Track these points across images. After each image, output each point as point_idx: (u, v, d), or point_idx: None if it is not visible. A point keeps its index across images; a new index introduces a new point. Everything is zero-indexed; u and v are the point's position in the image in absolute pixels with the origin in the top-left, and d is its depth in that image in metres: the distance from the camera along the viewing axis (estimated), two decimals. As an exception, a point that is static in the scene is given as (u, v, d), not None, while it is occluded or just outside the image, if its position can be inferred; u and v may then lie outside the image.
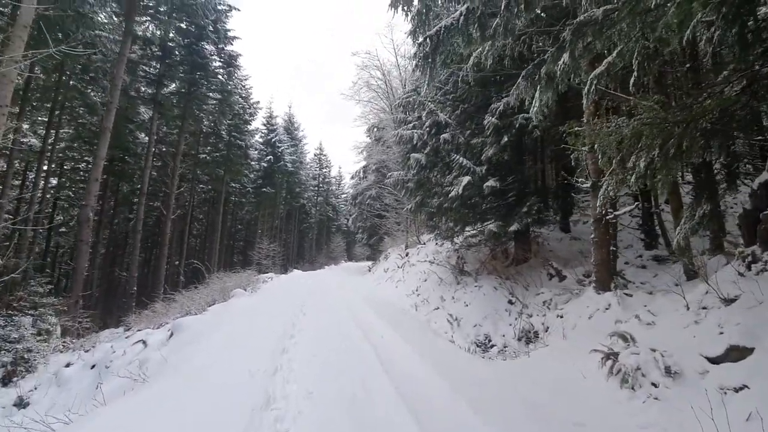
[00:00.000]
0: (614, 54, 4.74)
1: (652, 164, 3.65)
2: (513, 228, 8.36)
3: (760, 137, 4.87)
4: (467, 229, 10.28)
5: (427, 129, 10.64)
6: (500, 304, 8.56)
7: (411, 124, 11.68)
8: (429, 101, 10.51)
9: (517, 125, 8.36)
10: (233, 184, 33.06)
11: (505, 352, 7.24)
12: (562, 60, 4.23)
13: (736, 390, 2.92)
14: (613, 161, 4.12)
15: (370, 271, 23.17)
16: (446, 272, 11.19)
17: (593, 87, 4.94)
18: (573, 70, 4.41)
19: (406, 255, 16.85)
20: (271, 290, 14.27)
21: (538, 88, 4.47)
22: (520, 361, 5.51)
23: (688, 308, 4.09)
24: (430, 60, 5.27)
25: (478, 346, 7.83)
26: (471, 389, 4.09)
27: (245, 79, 30.44)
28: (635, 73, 4.64)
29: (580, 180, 7.05)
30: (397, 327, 7.25)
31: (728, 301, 3.59)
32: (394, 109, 18.98)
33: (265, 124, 39.15)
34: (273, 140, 38.17)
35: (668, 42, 4.81)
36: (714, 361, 3.28)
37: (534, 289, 8.39)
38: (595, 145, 4.14)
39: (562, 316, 6.69)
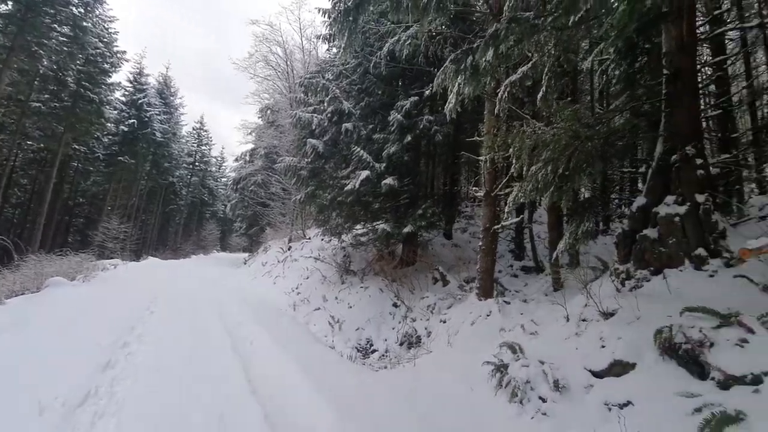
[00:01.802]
0: (529, 65, 4.76)
1: (564, 172, 3.61)
2: (406, 230, 8.19)
3: (632, 169, 5.56)
4: (357, 226, 9.82)
5: (329, 116, 9.86)
6: (385, 306, 8.28)
7: (312, 108, 10.75)
8: (334, 86, 9.76)
9: (421, 126, 8.24)
10: (77, 146, 26.62)
11: (386, 357, 6.92)
12: (487, 56, 4.01)
13: (621, 406, 2.95)
14: (524, 168, 4.05)
15: (245, 263, 21.09)
16: (331, 270, 10.54)
17: (506, 93, 4.91)
18: (494, 68, 4.25)
19: (289, 249, 15.67)
20: (113, 280, 11.53)
21: (461, 78, 4.20)
22: (406, 371, 5.16)
23: (568, 319, 4.24)
24: (351, 19, 4.56)
25: (359, 351, 7.36)
26: (362, 418, 3.47)
27: (110, 21, 24.92)
28: (544, 88, 4.75)
29: (474, 189, 7.19)
30: (272, 330, 6.28)
31: (607, 315, 3.77)
32: (293, 88, 17.57)
33: (132, 81, 32.75)
34: (140, 102, 32.15)
35: (574, 64, 5.09)
36: (598, 375, 3.34)
37: (419, 292, 8.34)
38: (510, 149, 4.01)
39: (445, 321, 6.66)
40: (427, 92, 7.56)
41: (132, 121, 31.10)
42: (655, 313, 3.34)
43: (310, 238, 15.60)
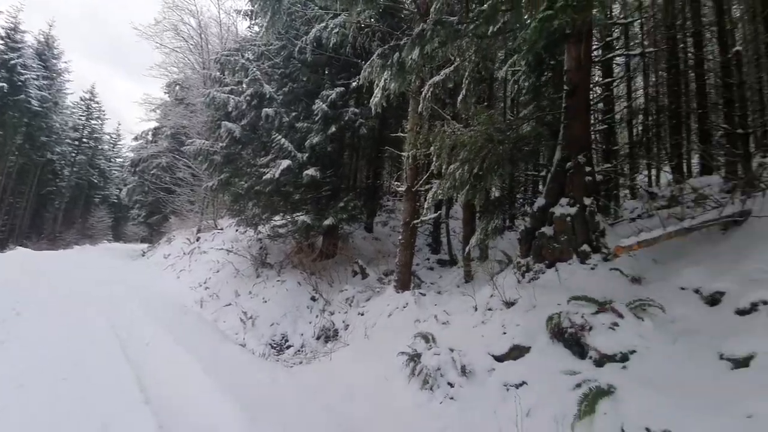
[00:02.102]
0: (451, 68, 4.97)
1: (479, 172, 3.85)
2: (327, 222, 8.06)
3: (535, 172, 6.17)
4: (276, 218, 9.41)
5: (248, 98, 9.23)
6: (303, 300, 8.07)
7: (228, 88, 9.93)
8: (255, 68, 9.15)
9: (347, 118, 8.15)
10: None
11: (302, 352, 6.76)
12: (413, 54, 4.08)
13: (517, 386, 3.26)
14: (443, 166, 4.23)
15: (144, 255, 18.90)
16: (246, 263, 9.94)
17: (430, 93, 5.07)
18: (419, 67, 4.35)
19: (197, 240, 14.42)
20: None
21: (387, 74, 4.22)
22: (322, 365, 5.09)
23: (476, 309, 4.56)
24: (275, -5, 4.28)
25: (273, 347, 7.07)
26: (270, 417, 3.30)
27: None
28: (464, 91, 5.01)
29: (396, 183, 7.35)
30: (174, 330, 5.70)
31: (509, 304, 4.13)
32: (208, 64, 16.09)
33: (3, 38, 27.00)
34: (12, 63, 26.65)
35: (491, 72, 5.44)
36: (499, 359, 3.65)
37: (338, 285, 8.29)
38: (432, 147, 4.15)
39: (363, 314, 6.72)
40: (354, 84, 7.50)
41: (2, 85, 25.66)
42: (548, 301, 3.75)
43: (222, 229, 14.53)
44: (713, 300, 3.11)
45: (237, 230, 12.39)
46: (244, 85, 9.52)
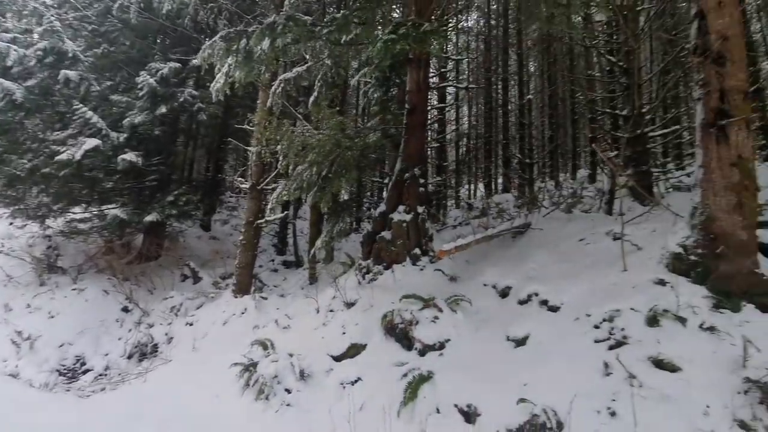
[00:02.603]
0: (304, 67, 4.89)
1: (327, 175, 3.86)
2: (151, 218, 6.84)
3: (380, 179, 6.59)
4: (75, 209, 7.49)
5: (39, 53, 7.06)
6: (110, 312, 6.62)
7: (11, 36, 7.40)
8: (53, 15, 7.08)
9: (182, 99, 7.10)
10: None
11: (106, 376, 5.52)
12: (263, 45, 3.82)
13: (353, 383, 3.39)
14: (290, 165, 4.10)
15: None
16: (23, 268, 7.55)
17: (280, 88, 4.86)
18: (270, 60, 4.12)
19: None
20: None
21: (232, 60, 3.83)
22: (133, 389, 4.25)
23: (318, 311, 4.58)
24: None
25: (62, 374, 5.56)
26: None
27: None
28: (316, 93, 4.99)
29: (239, 179, 6.79)
30: None
31: (350, 305, 4.28)
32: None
33: None
34: None
35: (344, 79, 5.57)
36: (337, 359, 3.73)
37: (162, 292, 7.12)
38: (279, 146, 3.97)
39: (192, 324, 5.95)
40: (195, 62, 6.59)
41: None
42: (384, 300, 4.04)
43: (-14, 221, 10.72)
44: (504, 293, 3.90)
45: (11, 224, 9.33)
46: (36, 36, 7.28)
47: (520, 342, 3.32)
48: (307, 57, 4.76)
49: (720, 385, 2.48)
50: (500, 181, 13.25)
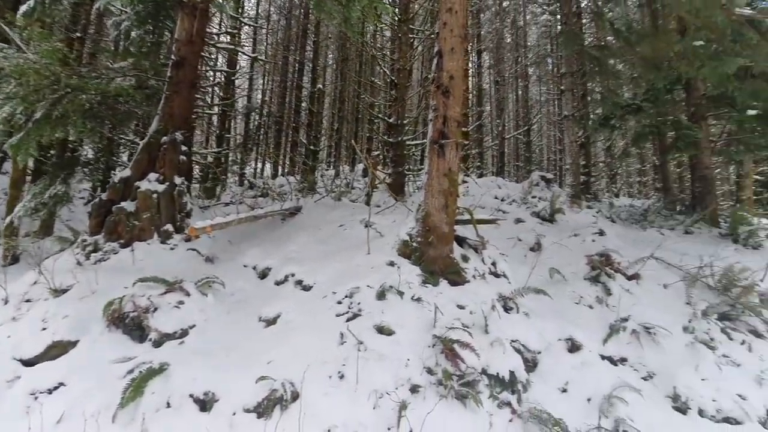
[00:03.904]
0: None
1: (46, 118, 2.78)
2: None
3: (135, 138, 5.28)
4: None
5: None
6: None
7: None
8: None
9: None
10: None
11: None
12: None
13: (50, 391, 2.62)
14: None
15: None
16: None
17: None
18: None
19: None
20: None
21: None
22: None
23: (7, 302, 3.34)
24: None
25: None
26: None
27: None
28: (32, 1, 3.54)
29: None
30: None
31: (60, 292, 3.30)
32: None
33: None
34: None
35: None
36: (30, 363, 2.80)
37: None
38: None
39: None
40: None
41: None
42: (114, 285, 3.31)
43: None
44: (263, 274, 3.87)
45: None
46: None
47: (271, 321, 3.36)
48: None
49: (418, 343, 3.19)
50: (288, 163, 13.33)
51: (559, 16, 10.40)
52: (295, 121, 11.80)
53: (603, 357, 3.34)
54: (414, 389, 2.84)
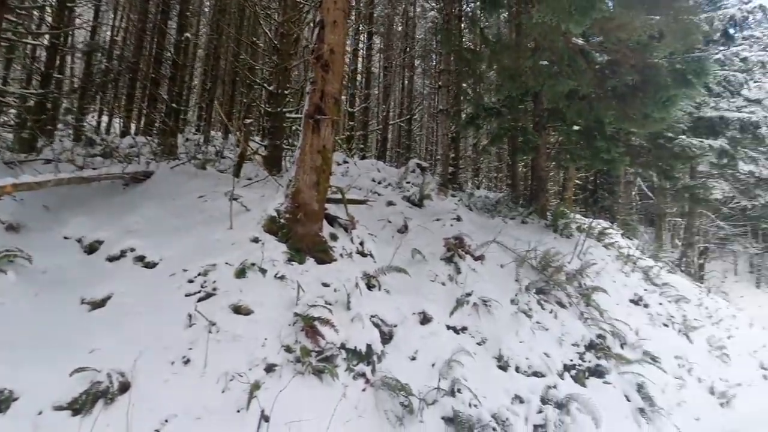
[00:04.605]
0: None
1: None
2: None
3: None
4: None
5: None
6: None
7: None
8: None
9: None
10: None
11: None
12: None
13: None
14: None
15: None
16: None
17: None
18: None
19: None
20: None
21: None
22: None
23: None
24: None
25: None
26: None
27: None
28: None
29: None
30: None
31: None
32: None
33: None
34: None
35: None
36: None
37: None
38: None
39: None
40: None
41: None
42: None
43: None
44: (92, 248, 3.22)
45: None
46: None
47: (98, 304, 2.84)
48: None
49: (278, 321, 3.08)
50: (144, 121, 11.36)
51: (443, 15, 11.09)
52: (155, 72, 10.03)
53: (448, 327, 3.77)
54: (270, 368, 2.75)
